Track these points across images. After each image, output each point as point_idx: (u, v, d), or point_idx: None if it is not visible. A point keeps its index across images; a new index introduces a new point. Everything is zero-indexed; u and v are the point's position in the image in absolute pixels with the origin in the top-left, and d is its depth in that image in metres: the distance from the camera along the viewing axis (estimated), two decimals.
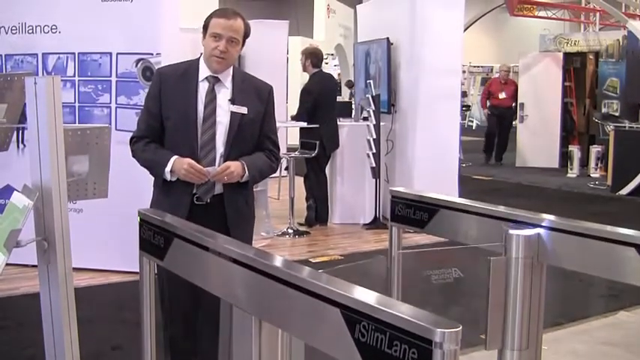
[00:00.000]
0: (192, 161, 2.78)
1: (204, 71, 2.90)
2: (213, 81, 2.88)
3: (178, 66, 3.01)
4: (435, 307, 1.72)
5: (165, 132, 2.90)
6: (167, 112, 2.88)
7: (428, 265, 2.56)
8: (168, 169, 2.82)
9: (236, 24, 2.83)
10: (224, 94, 2.89)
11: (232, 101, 2.88)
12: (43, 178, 2.33)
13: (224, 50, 2.81)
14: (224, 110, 2.87)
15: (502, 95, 12.14)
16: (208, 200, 2.88)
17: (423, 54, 6.91)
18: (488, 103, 12.65)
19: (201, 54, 2.94)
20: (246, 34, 2.90)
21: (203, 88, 2.88)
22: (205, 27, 2.87)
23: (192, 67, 2.93)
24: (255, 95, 2.95)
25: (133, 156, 2.97)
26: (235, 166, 2.82)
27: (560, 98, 12.13)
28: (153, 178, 3.00)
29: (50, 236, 2.33)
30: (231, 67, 2.95)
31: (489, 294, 2.42)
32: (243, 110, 2.88)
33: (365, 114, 7.45)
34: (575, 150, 11.39)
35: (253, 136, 2.94)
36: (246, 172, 2.85)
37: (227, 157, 2.85)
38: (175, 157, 2.81)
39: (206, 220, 2.59)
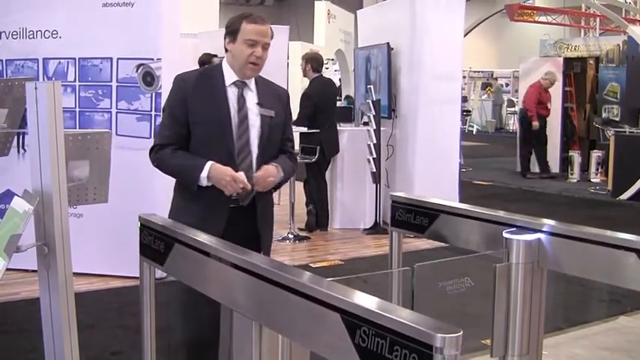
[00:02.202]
0: (235, 173, 2.72)
1: (230, 76, 2.86)
2: (242, 86, 2.87)
3: (198, 72, 3.01)
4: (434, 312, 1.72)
5: (194, 138, 2.83)
6: (195, 118, 2.81)
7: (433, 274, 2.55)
8: (204, 174, 2.74)
9: (268, 30, 2.84)
10: (251, 98, 2.88)
11: (260, 105, 2.87)
12: (44, 183, 2.33)
13: (260, 56, 2.81)
14: (254, 114, 2.86)
15: (549, 105, 11.65)
16: (244, 203, 2.85)
17: (424, 59, 6.91)
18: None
19: (206, 58, 2.93)
20: (272, 38, 2.91)
21: (232, 93, 2.85)
22: (234, 32, 2.82)
23: (215, 72, 2.89)
24: (277, 99, 2.97)
25: (158, 165, 2.87)
26: (272, 173, 2.82)
27: (560, 103, 12.11)
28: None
29: (50, 241, 2.33)
30: None
31: (494, 301, 2.41)
32: (271, 113, 2.88)
33: (365, 119, 7.45)
34: (575, 155, 11.37)
35: (279, 138, 2.96)
36: (281, 175, 2.87)
37: (260, 160, 2.84)
38: (211, 162, 2.75)
39: (239, 223, 2.67)
